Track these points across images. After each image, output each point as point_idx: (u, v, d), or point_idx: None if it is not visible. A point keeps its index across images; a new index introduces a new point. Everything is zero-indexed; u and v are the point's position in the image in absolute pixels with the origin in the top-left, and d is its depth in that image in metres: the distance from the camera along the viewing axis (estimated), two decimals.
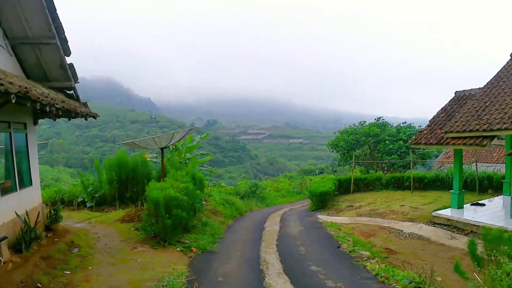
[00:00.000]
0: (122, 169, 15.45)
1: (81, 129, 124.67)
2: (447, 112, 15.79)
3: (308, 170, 58.44)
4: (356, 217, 16.16)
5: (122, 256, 8.86)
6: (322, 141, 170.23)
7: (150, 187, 11.00)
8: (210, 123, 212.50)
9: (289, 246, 10.67)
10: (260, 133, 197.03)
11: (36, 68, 10.22)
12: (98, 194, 15.54)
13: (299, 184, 34.15)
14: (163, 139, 14.67)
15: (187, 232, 11.45)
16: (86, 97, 47.38)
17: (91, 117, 11.25)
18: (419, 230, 13.04)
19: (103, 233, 10.85)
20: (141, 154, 16.30)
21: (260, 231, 13.25)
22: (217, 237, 11.97)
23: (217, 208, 16.10)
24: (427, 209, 15.69)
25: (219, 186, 25.60)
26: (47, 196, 16.27)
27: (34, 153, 10.41)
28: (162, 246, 9.97)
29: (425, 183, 21.61)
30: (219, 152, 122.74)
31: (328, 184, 21.37)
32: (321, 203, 19.85)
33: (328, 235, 11.99)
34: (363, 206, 19.06)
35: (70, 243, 9.46)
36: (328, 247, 10.43)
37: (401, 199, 18.87)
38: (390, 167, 29.71)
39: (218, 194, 18.95)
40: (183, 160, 20.56)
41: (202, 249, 10.23)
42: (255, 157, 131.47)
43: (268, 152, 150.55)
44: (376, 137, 29.47)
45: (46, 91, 9.35)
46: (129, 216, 12.46)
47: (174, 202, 10.21)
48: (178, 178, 12.58)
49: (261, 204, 24.28)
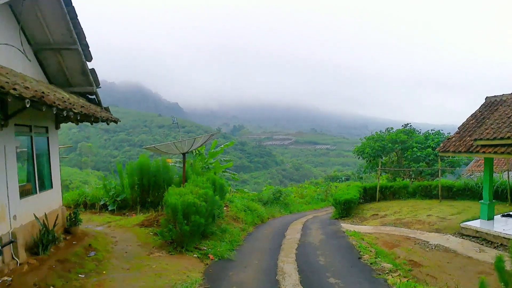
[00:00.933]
0: (144, 174, 15.51)
1: (109, 133, 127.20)
2: (477, 119, 15.13)
3: (334, 176, 57.73)
4: (381, 227, 15.71)
5: (137, 261, 8.79)
6: (348, 147, 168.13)
7: (169, 193, 10.94)
8: (236, 128, 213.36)
9: (308, 256, 10.36)
10: (286, 138, 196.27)
11: (58, 73, 10.36)
12: (120, 198, 15.66)
13: (324, 191, 33.64)
14: (185, 144, 14.65)
15: (205, 239, 11.30)
16: (114, 101, 48.51)
17: (113, 122, 11.34)
18: (445, 242, 12.54)
19: (121, 237, 10.85)
20: (163, 159, 16.34)
21: (280, 239, 12.98)
22: (235, 245, 11.75)
23: (238, 215, 15.91)
24: (455, 220, 15.10)
25: (242, 192, 25.41)
26: (70, 198, 16.53)
27: (56, 156, 10.53)
28: (179, 252, 9.86)
29: (454, 192, 20.89)
30: (245, 157, 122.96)
31: (352, 191, 20.93)
32: (345, 211, 19.45)
33: (350, 245, 11.60)
34: (388, 215, 18.59)
35: (88, 247, 9.47)
36: (348, 257, 10.07)
37: (428, 209, 18.30)
38: (417, 175, 28.90)
39: (240, 200, 18.77)
40: (205, 166, 20.55)
41: (219, 256, 10.05)
42: (281, 163, 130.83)
43: (294, 157, 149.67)
44: (403, 144, 28.75)
45: (66, 95, 9.44)
46: (148, 221, 12.44)
47: (193, 208, 10.09)
48: (198, 183, 12.48)
49: (284, 211, 23.96)
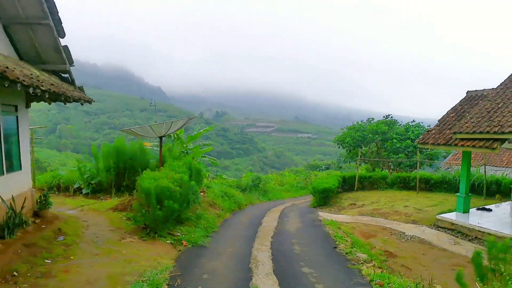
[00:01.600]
0: (120, 157, 15.15)
1: (90, 115, 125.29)
2: (458, 112, 15.21)
3: (315, 165, 58.03)
4: (358, 216, 15.79)
5: (108, 246, 8.52)
6: (330, 136, 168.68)
7: (143, 176, 10.63)
8: (219, 114, 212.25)
9: (284, 244, 10.24)
10: (269, 126, 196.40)
11: (29, 49, 9.85)
12: (95, 181, 15.28)
13: (304, 179, 33.70)
14: (162, 127, 14.29)
15: (180, 224, 11.05)
16: (96, 83, 47.52)
17: (86, 102, 10.91)
18: (421, 233, 12.66)
19: (93, 221, 10.54)
20: (140, 142, 15.94)
21: (256, 227, 12.84)
22: (210, 231, 11.51)
23: (215, 201, 15.69)
24: (432, 212, 15.26)
25: (221, 178, 25.17)
26: (44, 181, 16.10)
27: (26, 137, 10.10)
28: (152, 237, 9.60)
29: (431, 184, 21.16)
30: (227, 143, 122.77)
31: (331, 180, 20.97)
32: (324, 199, 19.51)
33: (326, 234, 11.55)
34: (366, 205, 18.72)
35: (57, 231, 9.15)
36: (324, 247, 10.00)
37: (406, 200, 18.49)
38: (396, 166, 29.13)
39: (218, 186, 18.53)
40: (184, 150, 20.22)
41: (192, 242, 9.80)
42: (263, 150, 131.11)
43: (276, 145, 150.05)
44: (384, 135, 28.86)
45: (37, 73, 9.00)
46: (122, 205, 12.14)
47: (167, 193, 9.81)
48: (174, 168, 12.21)
49: (263, 198, 23.89)
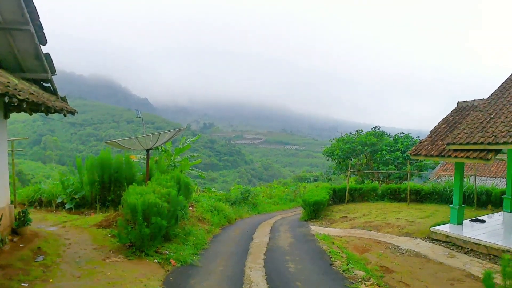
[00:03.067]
0: (104, 170, 14.55)
1: (75, 127, 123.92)
2: (449, 123, 15.06)
3: (303, 177, 57.99)
4: (350, 230, 15.43)
5: (90, 267, 7.97)
6: (317, 148, 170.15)
7: (129, 191, 10.11)
8: (207, 126, 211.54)
9: (277, 262, 9.78)
10: (256, 138, 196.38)
11: (8, 56, 9.36)
12: (78, 196, 14.64)
13: (293, 191, 33.39)
14: (150, 139, 13.81)
15: (168, 242, 10.53)
16: (83, 94, 46.70)
17: (69, 113, 10.41)
18: (416, 246, 12.33)
19: (76, 239, 9.96)
20: (126, 154, 15.39)
21: (247, 243, 12.37)
22: (200, 248, 11.01)
23: (204, 215, 15.18)
24: (424, 223, 14.99)
25: (209, 191, 24.65)
26: (25, 195, 15.41)
27: (3, 149, 9.50)
28: (138, 257, 9.04)
29: (422, 195, 20.95)
30: (214, 155, 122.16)
31: (322, 193, 20.63)
32: (314, 212, 19.13)
33: (321, 250, 11.14)
34: (358, 217, 18.41)
35: (36, 250, 8.57)
36: (319, 264, 9.58)
37: (397, 212, 18.22)
38: (386, 178, 29.04)
39: (206, 200, 18.00)
40: (172, 163, 19.71)
41: (181, 261, 9.26)
42: (250, 162, 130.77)
43: (264, 157, 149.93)
44: (373, 146, 28.81)
45: (15, 81, 8.51)
46: (107, 221, 11.56)
47: (154, 209, 9.32)
48: (161, 182, 11.71)
49: (252, 211, 23.42)
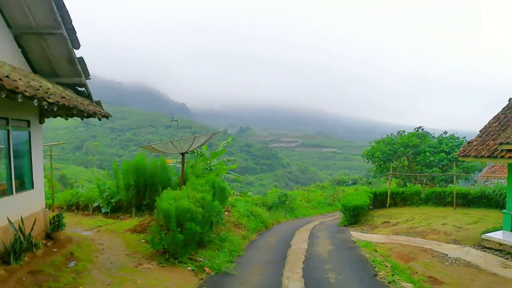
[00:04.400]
0: (140, 174, 14.45)
1: (115, 132, 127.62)
2: (501, 122, 13.91)
3: (341, 180, 56.71)
4: (393, 236, 14.57)
5: (121, 274, 7.71)
6: (355, 151, 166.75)
7: (163, 196, 9.86)
8: (243, 130, 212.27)
9: (317, 271, 9.17)
10: (293, 141, 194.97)
11: (42, 61, 9.36)
12: (114, 200, 14.62)
13: (331, 195, 32.53)
14: (185, 143, 13.58)
15: (202, 248, 10.18)
16: (122, 101, 47.51)
17: (104, 117, 10.30)
18: (466, 255, 11.38)
19: (109, 244, 9.79)
20: (161, 158, 15.26)
21: (285, 250, 11.81)
22: (235, 255, 10.59)
23: (240, 220, 14.76)
24: (473, 230, 13.96)
25: (245, 195, 24.25)
26: (63, 199, 15.56)
27: (39, 153, 9.51)
28: (171, 264, 8.75)
29: (469, 199, 19.82)
30: (251, 159, 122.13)
31: (362, 197, 19.80)
32: (354, 217, 18.35)
33: (362, 258, 10.42)
34: (400, 223, 17.48)
35: (69, 255, 8.42)
36: (362, 274, 8.89)
37: (443, 217, 17.17)
38: (429, 181, 27.62)
39: (243, 205, 17.58)
40: (208, 167, 19.47)
41: (216, 269, 8.87)
42: (287, 165, 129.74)
43: (300, 160, 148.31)
44: (415, 148, 27.43)
45: (49, 85, 8.42)
46: (141, 226, 11.36)
47: (187, 214, 9.00)
48: (196, 186, 11.41)
49: (290, 215, 22.84)
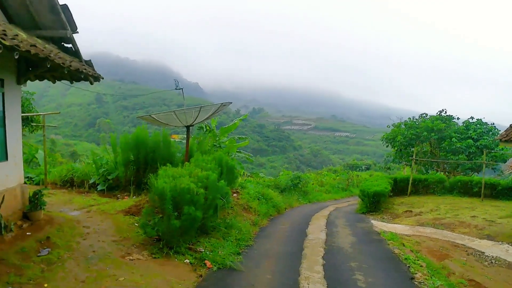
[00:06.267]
0: (140, 149, 13.00)
1: (128, 110, 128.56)
2: None
3: (354, 165, 55.17)
4: (418, 227, 13.01)
5: (102, 267, 6.27)
6: (368, 135, 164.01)
7: (160, 173, 8.35)
8: (256, 111, 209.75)
9: (341, 271, 7.61)
10: (306, 124, 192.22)
11: (21, 10, 7.79)
12: (111, 177, 13.25)
13: (345, 179, 30.99)
14: (190, 114, 11.99)
15: (205, 235, 8.69)
16: (135, 79, 45.41)
17: (92, 78, 8.75)
18: (505, 254, 9.81)
19: (96, 227, 8.38)
20: (164, 132, 13.77)
21: (301, 240, 10.24)
22: (243, 245, 9.05)
23: (250, 204, 13.23)
24: (508, 225, 12.41)
25: (257, 176, 22.70)
26: (58, 175, 14.25)
27: (15, 120, 8.03)
28: (166, 254, 7.27)
29: (498, 190, 18.24)
30: (263, 140, 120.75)
31: (383, 183, 18.23)
32: (374, 205, 16.87)
33: (392, 254, 8.84)
34: (424, 213, 15.94)
35: (45, 240, 7.02)
36: (396, 277, 7.28)
37: (471, 208, 15.61)
38: (454, 169, 25.73)
39: (253, 186, 16.04)
40: (217, 144, 17.94)
41: (219, 263, 7.37)
42: (299, 148, 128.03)
43: (313, 143, 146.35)
44: (440, 133, 25.42)
45: (24, 36, 6.91)
46: (137, 207, 9.93)
47: (187, 196, 7.48)
48: (200, 163, 9.90)
49: (303, 199, 21.35)
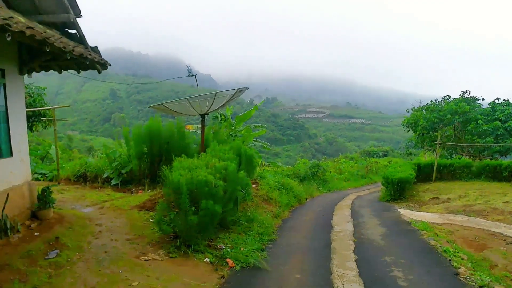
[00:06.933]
0: (153, 141, 12.44)
1: (142, 104, 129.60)
2: None
3: (371, 152, 54.05)
4: (448, 215, 12.20)
5: (114, 270, 5.70)
6: (384, 122, 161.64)
7: (174, 165, 7.74)
8: (269, 101, 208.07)
9: (377, 267, 6.86)
10: (320, 111, 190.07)
11: None
12: (125, 171, 12.73)
13: (364, 166, 30.12)
14: (205, 102, 11.31)
15: (225, 230, 8.10)
16: (148, 73, 44.52)
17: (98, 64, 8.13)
18: None
19: (109, 224, 7.85)
20: (178, 122, 13.15)
21: (327, 232, 9.55)
22: (266, 239, 8.39)
23: (270, 195, 12.56)
24: None
25: (275, 165, 22.00)
26: (71, 170, 13.81)
27: (19, 113, 7.48)
28: (184, 253, 6.65)
29: None
30: (277, 130, 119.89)
31: (407, 169, 17.46)
32: (398, 192, 16.14)
33: (429, 247, 8.06)
34: (452, 199, 15.13)
35: (54, 241, 6.50)
36: (438, 272, 6.50)
37: (502, 194, 14.74)
38: (479, 153, 24.56)
39: (272, 176, 15.37)
40: (232, 133, 17.28)
41: (242, 261, 6.72)
42: (314, 136, 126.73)
43: (328, 131, 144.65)
44: (465, 115, 24.25)
45: (22, 20, 6.32)
46: (152, 202, 9.38)
47: (204, 189, 6.86)
48: (217, 154, 9.26)
49: (322, 188, 20.64)
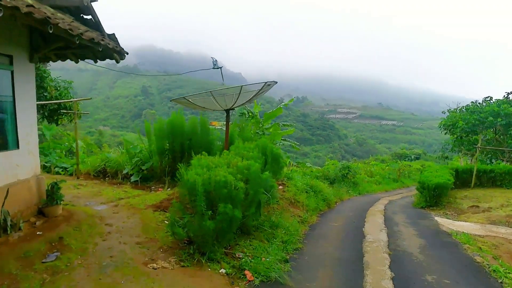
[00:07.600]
0: (176, 136, 11.87)
1: None
2: None
3: (402, 154, 52.16)
4: (490, 226, 11.02)
5: (116, 279, 5.04)
6: (416, 124, 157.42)
7: (192, 163, 7.05)
8: (299, 100, 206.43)
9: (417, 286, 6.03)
10: (350, 112, 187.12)
11: None
12: (145, 167, 12.19)
13: (396, 169, 28.84)
14: (229, 96, 10.62)
15: (245, 236, 7.34)
16: (179, 70, 43.73)
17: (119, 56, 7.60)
18: None
19: (120, 225, 7.24)
20: (202, 117, 12.53)
21: (358, 242, 8.61)
22: (291, 248, 7.53)
23: (297, 197, 11.69)
24: None
25: (303, 166, 21.11)
26: (91, 165, 13.43)
27: (28, 103, 6.96)
28: (197, 262, 5.92)
29: None
30: (307, 129, 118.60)
31: (445, 174, 16.26)
32: (434, 198, 15.01)
33: (475, 264, 7.04)
34: (494, 208, 13.90)
35: (56, 241, 5.94)
36: None
37: None
38: None
39: (301, 178, 14.50)
40: (260, 131, 16.52)
41: (262, 274, 5.91)
42: (344, 137, 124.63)
43: (358, 132, 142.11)
44: (508, 118, 22.66)
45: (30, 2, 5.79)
46: (169, 201, 8.70)
47: (223, 190, 6.13)
48: (241, 152, 8.53)
49: (352, 191, 19.61)
